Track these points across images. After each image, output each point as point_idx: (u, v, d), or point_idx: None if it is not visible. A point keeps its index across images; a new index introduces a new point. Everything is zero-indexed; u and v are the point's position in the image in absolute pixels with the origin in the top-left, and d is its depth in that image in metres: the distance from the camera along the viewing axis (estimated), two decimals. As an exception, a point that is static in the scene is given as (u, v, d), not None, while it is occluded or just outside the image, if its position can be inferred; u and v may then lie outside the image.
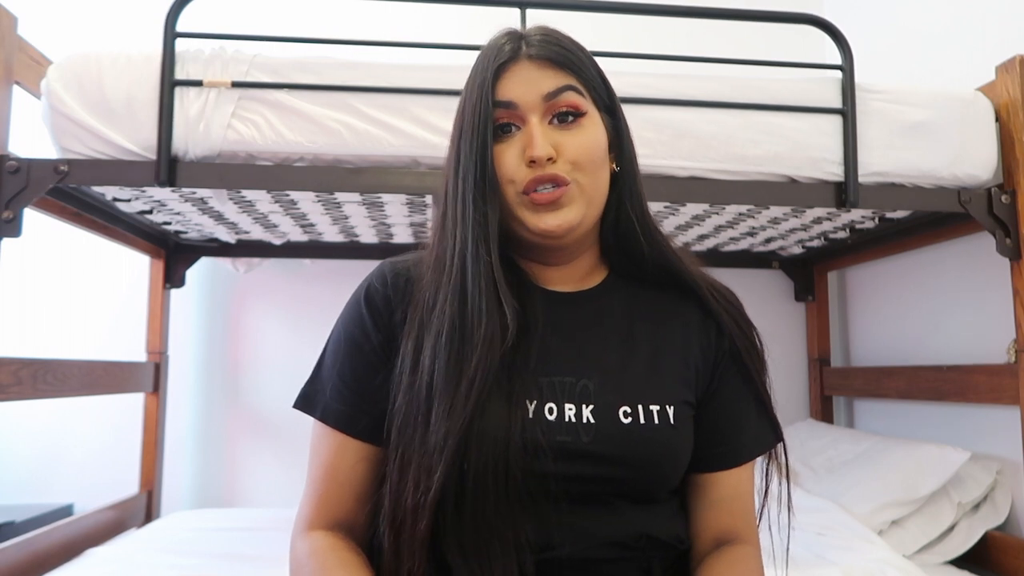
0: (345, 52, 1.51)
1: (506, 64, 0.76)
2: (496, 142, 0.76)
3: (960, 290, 1.94)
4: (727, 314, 0.83)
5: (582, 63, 0.79)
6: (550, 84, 0.76)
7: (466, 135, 0.76)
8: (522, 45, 0.77)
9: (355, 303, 0.82)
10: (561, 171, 0.75)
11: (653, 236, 0.83)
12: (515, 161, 0.75)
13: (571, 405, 0.75)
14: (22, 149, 1.44)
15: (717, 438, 0.82)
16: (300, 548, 0.77)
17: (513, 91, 0.76)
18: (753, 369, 0.83)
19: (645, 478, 0.76)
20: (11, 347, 2.21)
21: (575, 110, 0.76)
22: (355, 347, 0.80)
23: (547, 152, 0.74)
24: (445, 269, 0.76)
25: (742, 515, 0.82)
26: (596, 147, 0.77)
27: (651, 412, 0.76)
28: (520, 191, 0.75)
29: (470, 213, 0.74)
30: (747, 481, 0.83)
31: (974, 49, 1.89)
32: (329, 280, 2.35)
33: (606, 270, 0.87)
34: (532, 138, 0.74)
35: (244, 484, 2.34)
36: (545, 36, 0.79)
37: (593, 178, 0.77)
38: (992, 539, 1.70)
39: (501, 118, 0.76)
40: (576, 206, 0.76)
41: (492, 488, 0.70)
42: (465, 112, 0.77)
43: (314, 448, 0.81)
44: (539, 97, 0.76)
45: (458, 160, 0.77)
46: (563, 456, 0.73)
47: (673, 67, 1.61)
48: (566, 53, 0.78)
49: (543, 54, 0.77)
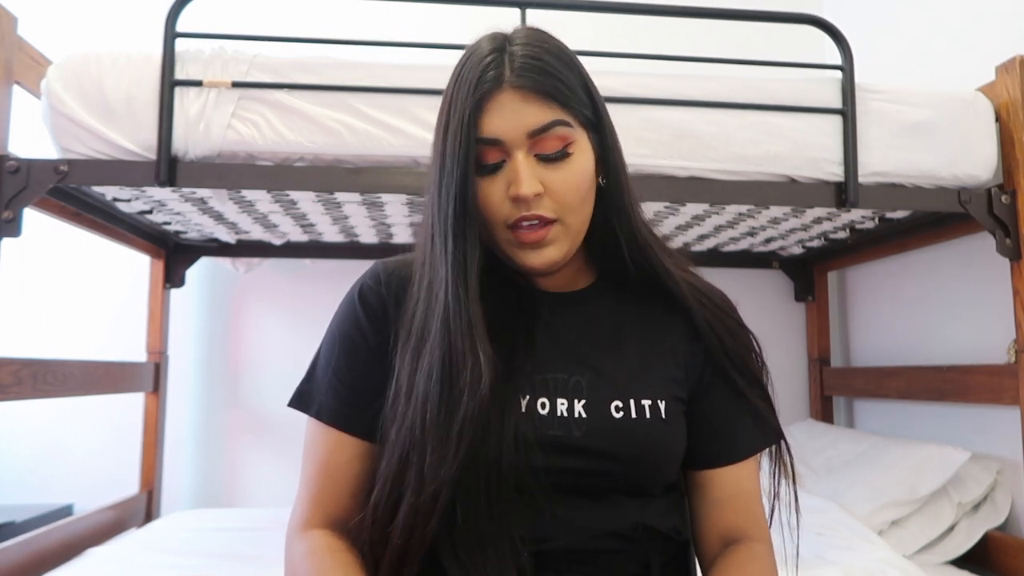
0: (345, 52, 1.51)
1: (489, 93, 0.73)
2: (480, 175, 0.74)
3: (960, 290, 1.94)
4: (718, 320, 0.83)
5: (569, 87, 0.75)
6: (536, 119, 0.73)
7: (448, 165, 0.73)
8: (505, 70, 0.73)
9: (349, 302, 0.82)
10: (546, 211, 0.74)
11: (641, 247, 0.81)
12: (500, 197, 0.74)
13: (563, 400, 0.75)
14: (22, 149, 1.44)
15: (711, 436, 0.82)
16: (296, 548, 0.77)
17: (497, 126, 0.73)
18: (746, 370, 0.82)
19: (638, 472, 0.76)
20: (11, 347, 2.21)
21: (563, 146, 0.74)
22: (350, 344, 0.80)
23: (534, 189, 0.72)
24: (436, 298, 0.74)
25: (746, 513, 0.82)
26: (583, 181, 0.76)
27: (643, 406, 0.77)
28: (506, 226, 0.75)
29: (450, 248, 0.74)
30: (748, 479, 0.83)
31: (974, 49, 1.89)
32: (329, 280, 2.35)
33: (594, 272, 0.87)
34: (518, 174, 0.72)
35: (244, 484, 2.34)
36: (529, 57, 0.74)
37: (578, 213, 0.76)
38: (992, 539, 1.70)
39: (485, 156, 0.74)
40: (560, 243, 0.76)
41: (484, 490, 0.70)
42: (447, 139, 0.74)
43: (308, 447, 0.81)
44: (524, 133, 0.73)
45: (439, 190, 0.75)
46: (555, 450, 0.73)
47: (673, 67, 1.61)
48: (552, 81, 0.73)
49: (528, 85, 0.72)
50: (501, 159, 0.74)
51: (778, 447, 0.83)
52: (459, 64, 0.77)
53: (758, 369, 0.84)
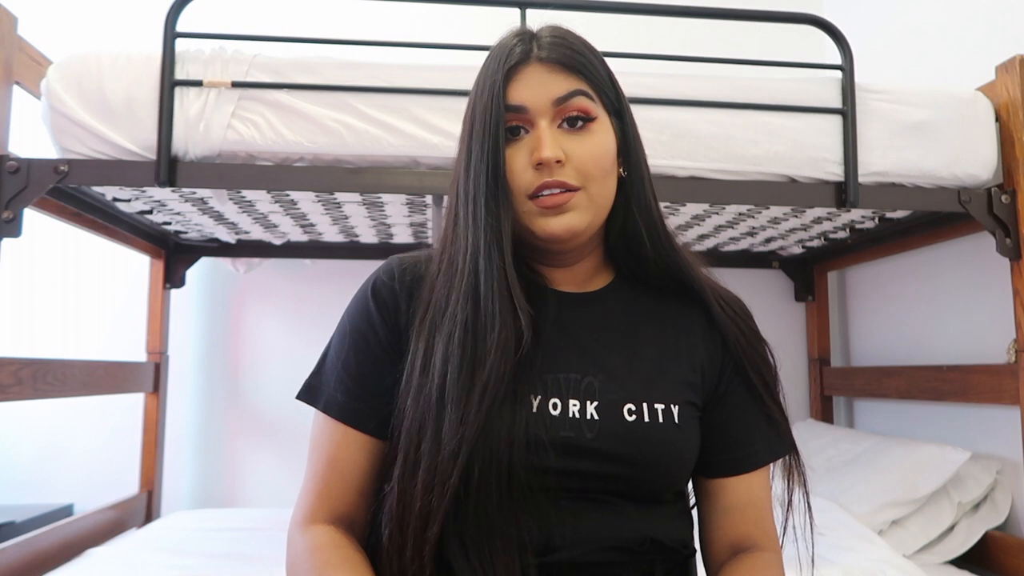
0: (345, 52, 1.52)
1: (517, 66, 0.76)
2: (506, 145, 0.75)
3: (960, 290, 1.94)
4: (735, 326, 0.82)
5: (593, 66, 0.78)
6: (560, 88, 0.75)
7: (477, 136, 0.75)
8: (533, 47, 0.77)
9: (362, 296, 0.82)
10: (568, 177, 0.75)
11: (661, 242, 0.82)
12: (523, 164, 0.75)
13: (575, 401, 0.75)
14: (22, 149, 1.44)
15: (726, 443, 0.81)
16: (300, 542, 0.76)
17: (523, 94, 0.75)
18: (761, 379, 0.82)
19: (648, 477, 0.75)
20: (11, 347, 2.21)
21: (585, 115, 0.76)
22: (361, 340, 0.79)
23: (556, 154, 0.74)
24: (457, 271, 0.75)
25: (757, 522, 0.81)
26: (605, 154, 0.77)
27: (656, 411, 0.76)
28: (527, 195, 0.75)
29: (482, 216, 0.74)
30: (761, 488, 0.82)
31: (974, 49, 1.89)
32: (329, 280, 2.35)
33: (612, 272, 0.86)
34: (541, 140, 0.74)
35: (244, 484, 2.34)
36: (556, 38, 0.78)
37: (601, 185, 0.77)
38: (992, 539, 1.70)
39: (511, 121, 0.76)
40: (582, 211, 0.76)
41: (495, 485, 0.69)
42: (476, 113, 0.76)
43: (315, 441, 0.80)
44: (549, 101, 0.75)
45: (468, 161, 0.76)
46: (566, 452, 0.72)
47: (673, 67, 1.61)
48: (577, 56, 0.77)
49: (554, 57, 0.76)
50: (526, 127, 0.76)
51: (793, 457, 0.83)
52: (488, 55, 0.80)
53: (772, 379, 0.83)
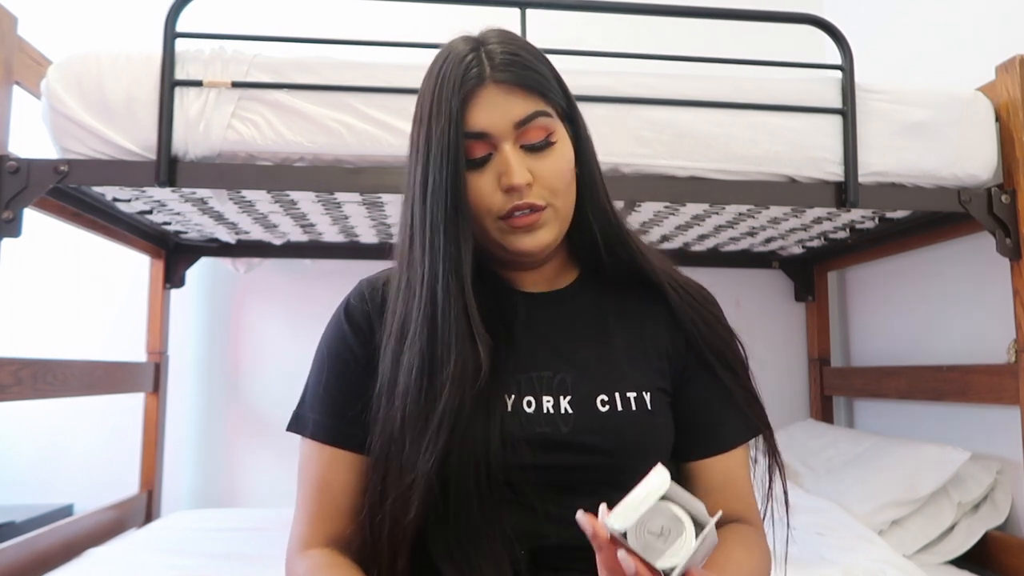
0: (345, 52, 1.51)
1: (473, 90, 0.74)
2: (468, 170, 0.75)
3: (960, 290, 1.94)
4: (693, 311, 0.84)
5: (546, 79, 0.78)
6: (520, 111, 0.75)
7: (435, 162, 0.74)
8: (486, 67, 0.75)
9: (336, 321, 0.84)
10: (537, 198, 0.76)
11: (617, 238, 0.83)
12: (490, 188, 0.75)
13: (549, 397, 0.76)
14: (22, 149, 1.44)
15: (696, 425, 0.83)
16: (298, 568, 0.76)
17: (483, 120, 0.74)
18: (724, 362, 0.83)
19: (627, 464, 0.76)
20: (11, 347, 2.21)
21: (546, 136, 0.76)
22: (340, 362, 0.81)
23: (526, 179, 0.74)
24: (415, 296, 0.75)
25: (738, 498, 0.83)
26: (567, 168, 0.78)
27: (628, 399, 0.78)
28: (497, 216, 0.76)
29: (439, 243, 0.74)
30: (738, 467, 0.84)
31: (974, 49, 1.89)
32: (329, 280, 2.34)
33: (576, 269, 0.88)
34: (509, 166, 0.74)
35: (244, 484, 2.34)
36: (508, 54, 0.76)
37: (566, 197, 0.79)
38: (992, 539, 1.70)
39: (473, 147, 0.75)
40: (551, 226, 0.78)
41: (475, 488, 0.71)
42: (432, 136, 0.74)
43: (304, 467, 0.81)
44: (510, 124, 0.75)
45: (426, 186, 0.75)
46: (544, 448, 0.74)
47: (673, 67, 1.60)
48: (532, 74, 0.76)
49: (510, 79, 0.75)
50: (488, 152, 0.75)
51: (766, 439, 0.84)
52: (435, 65, 0.78)
53: (737, 360, 0.84)
